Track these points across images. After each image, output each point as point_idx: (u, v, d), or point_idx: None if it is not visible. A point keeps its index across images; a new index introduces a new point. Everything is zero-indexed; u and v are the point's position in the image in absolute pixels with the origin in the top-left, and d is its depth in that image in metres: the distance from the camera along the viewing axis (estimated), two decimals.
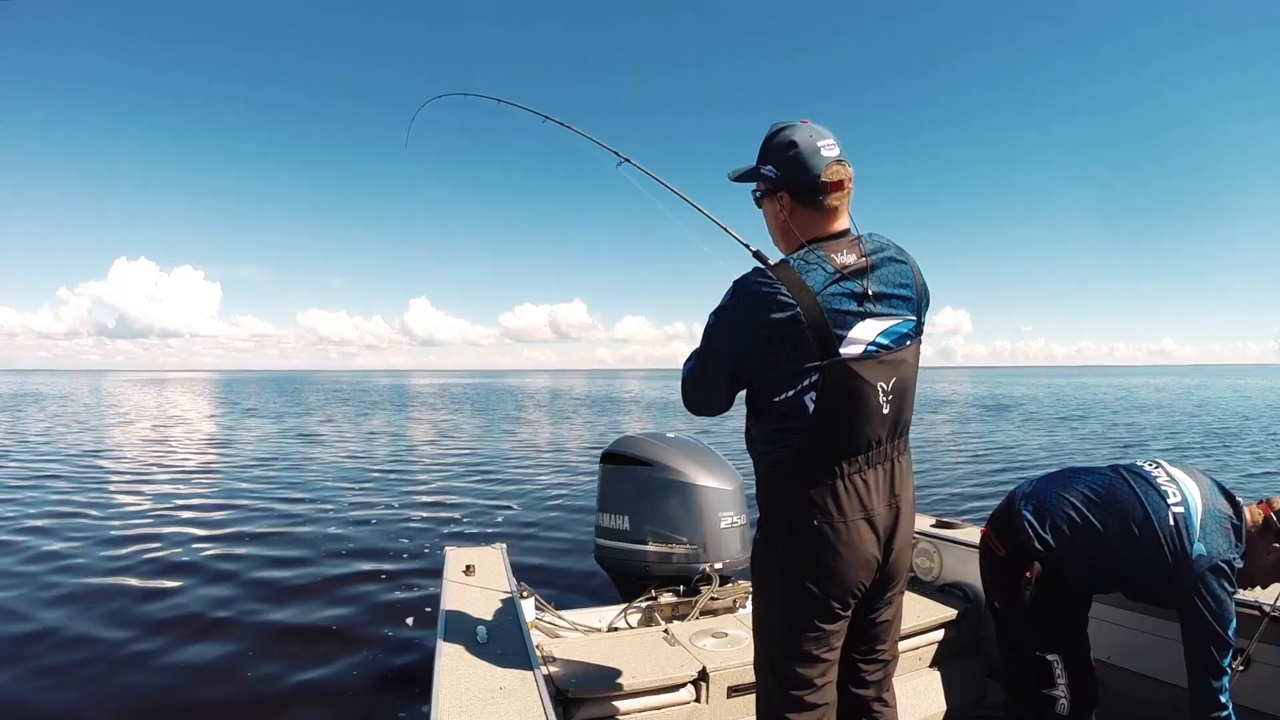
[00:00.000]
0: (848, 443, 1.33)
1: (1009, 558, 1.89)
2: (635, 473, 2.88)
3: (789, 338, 1.28)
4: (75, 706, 3.19)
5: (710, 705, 2.04)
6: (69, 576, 5.04)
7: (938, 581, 2.81)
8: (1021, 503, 1.92)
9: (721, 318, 1.36)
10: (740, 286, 1.33)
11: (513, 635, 1.83)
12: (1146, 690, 2.06)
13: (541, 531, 6.69)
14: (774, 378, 1.32)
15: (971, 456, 12.60)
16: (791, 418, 1.32)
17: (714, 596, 2.71)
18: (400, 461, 12.16)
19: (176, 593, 4.74)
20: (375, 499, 8.38)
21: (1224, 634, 1.63)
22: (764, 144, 1.43)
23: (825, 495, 1.33)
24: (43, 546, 5.87)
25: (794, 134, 1.37)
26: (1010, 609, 1.93)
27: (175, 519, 7.12)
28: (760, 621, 1.48)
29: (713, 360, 1.40)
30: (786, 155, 1.37)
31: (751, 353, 1.32)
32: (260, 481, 9.67)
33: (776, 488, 1.39)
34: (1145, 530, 1.72)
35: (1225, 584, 1.66)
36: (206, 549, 5.90)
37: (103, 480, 9.61)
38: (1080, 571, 1.81)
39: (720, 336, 1.37)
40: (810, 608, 1.36)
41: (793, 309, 1.26)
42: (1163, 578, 1.72)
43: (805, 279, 1.29)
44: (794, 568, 1.36)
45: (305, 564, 5.49)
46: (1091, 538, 1.79)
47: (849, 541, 1.33)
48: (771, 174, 1.39)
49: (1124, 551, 1.75)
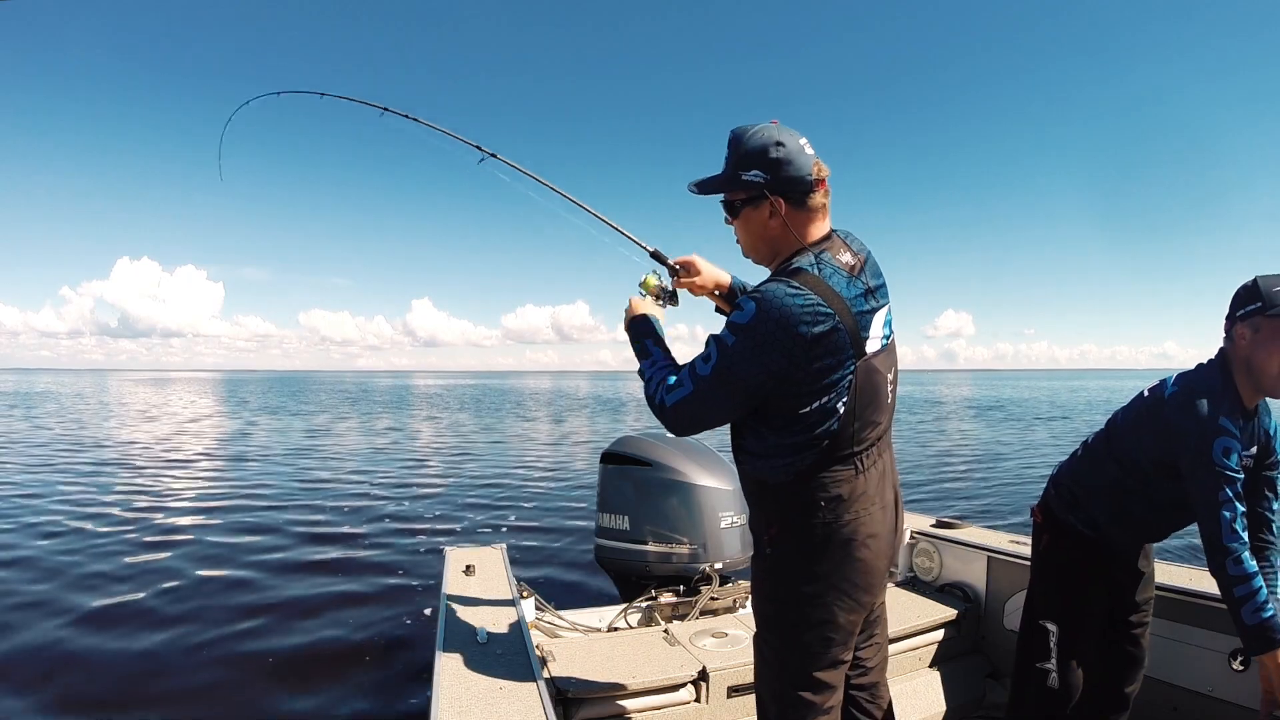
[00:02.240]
0: (868, 437, 1.33)
1: (1043, 522, 2.00)
2: (635, 473, 2.88)
3: (830, 349, 1.24)
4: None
5: (710, 705, 2.04)
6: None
7: (938, 581, 2.81)
8: (1054, 470, 2.05)
9: (747, 336, 1.24)
10: (770, 302, 1.23)
11: (513, 635, 1.83)
12: (1146, 690, 2.06)
13: (542, 531, 6.69)
14: (804, 390, 1.26)
15: (971, 458, 12.58)
16: (820, 424, 1.28)
17: (714, 596, 2.71)
18: (400, 461, 12.17)
19: (176, 591, 4.75)
20: (375, 499, 8.38)
21: (1213, 464, 1.58)
22: (739, 148, 1.34)
23: (853, 492, 1.32)
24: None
25: (776, 134, 1.31)
26: (1032, 573, 2.04)
27: (174, 516, 7.14)
28: (782, 634, 1.40)
29: (731, 382, 1.28)
30: (773, 157, 1.30)
31: (785, 370, 1.24)
32: (260, 480, 9.66)
33: (797, 495, 1.33)
34: (1125, 414, 1.86)
35: (1204, 406, 1.62)
36: (206, 548, 5.91)
37: (98, 477, 9.64)
38: (1103, 502, 1.86)
39: (745, 356, 1.25)
40: (843, 606, 1.34)
41: (832, 320, 1.23)
42: (1154, 432, 1.73)
43: (833, 286, 1.26)
44: (826, 571, 1.33)
45: (305, 563, 5.50)
46: (1099, 445, 1.91)
47: (876, 532, 1.35)
48: (759, 178, 1.32)
49: (1122, 434, 1.84)
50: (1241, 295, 1.65)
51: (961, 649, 2.58)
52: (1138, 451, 1.78)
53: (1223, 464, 1.58)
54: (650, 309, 1.58)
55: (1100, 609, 1.92)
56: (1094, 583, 1.90)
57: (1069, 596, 1.92)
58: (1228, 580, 1.57)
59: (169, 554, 5.74)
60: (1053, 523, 1.96)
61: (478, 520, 7.22)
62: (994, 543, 2.68)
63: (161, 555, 5.70)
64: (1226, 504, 1.57)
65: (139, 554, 5.71)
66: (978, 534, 2.83)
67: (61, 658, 3.67)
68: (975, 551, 2.70)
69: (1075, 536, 1.90)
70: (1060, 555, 1.94)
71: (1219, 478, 1.59)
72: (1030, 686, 1.92)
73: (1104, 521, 1.86)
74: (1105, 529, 1.86)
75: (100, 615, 4.30)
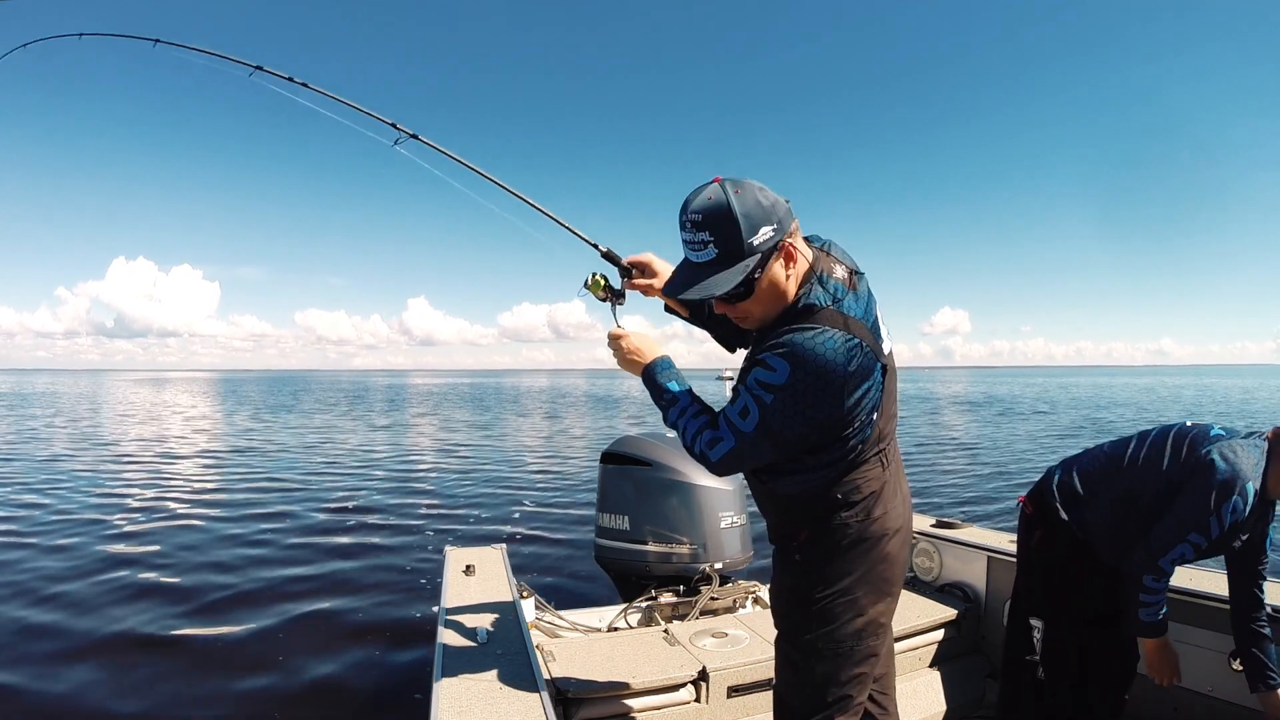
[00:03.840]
0: (889, 431, 1.35)
1: (1035, 515, 2.01)
2: (635, 473, 2.88)
3: (864, 374, 1.21)
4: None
5: (710, 705, 2.04)
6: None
7: (938, 581, 2.81)
8: (1057, 466, 2.06)
9: (787, 396, 1.17)
10: (803, 355, 1.16)
11: (513, 635, 1.83)
12: (1146, 690, 2.06)
13: (541, 531, 6.68)
14: (846, 421, 1.24)
15: (970, 459, 12.60)
16: (856, 436, 1.27)
17: (714, 596, 2.71)
18: (399, 461, 12.15)
19: (177, 590, 4.74)
20: (374, 498, 8.37)
21: (1210, 509, 1.65)
22: (733, 221, 1.15)
23: (883, 487, 1.34)
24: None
25: (749, 184, 1.19)
26: (1020, 566, 2.07)
27: (175, 514, 7.13)
28: (821, 636, 1.36)
29: (775, 436, 1.22)
30: (767, 204, 1.18)
31: (830, 416, 1.21)
32: (258, 480, 9.65)
33: (830, 498, 1.31)
34: (1160, 437, 1.86)
35: (1243, 465, 1.67)
36: (206, 547, 5.90)
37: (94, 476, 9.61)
38: (1103, 508, 1.87)
39: (789, 414, 1.19)
40: (878, 600, 1.37)
41: (861, 349, 1.19)
42: (1178, 465, 1.77)
43: (848, 313, 1.22)
44: (862, 568, 1.34)
45: (304, 563, 5.49)
46: (1118, 456, 1.91)
47: (902, 525, 1.38)
48: (772, 234, 1.18)
49: (1140, 468, 1.85)
50: None
51: (961, 649, 2.58)
52: (1163, 475, 1.80)
53: (1223, 519, 1.65)
54: (659, 348, 1.50)
55: (1088, 607, 1.93)
56: (1083, 581, 1.92)
57: (1057, 593, 1.94)
58: (1141, 587, 1.75)
59: (169, 554, 5.72)
60: (1046, 517, 1.96)
61: (478, 520, 7.22)
62: (994, 543, 2.68)
63: (161, 555, 5.68)
64: (1191, 546, 1.69)
65: (140, 555, 5.70)
66: (978, 534, 2.83)
67: (44, 662, 3.66)
68: (975, 551, 2.70)
69: (1068, 535, 1.91)
70: (1050, 551, 1.96)
71: (1207, 525, 1.66)
72: (1019, 680, 1.95)
73: (1099, 530, 1.87)
74: (1097, 537, 1.87)
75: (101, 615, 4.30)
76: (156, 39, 2.26)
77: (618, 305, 1.61)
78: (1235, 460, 1.68)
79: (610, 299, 1.60)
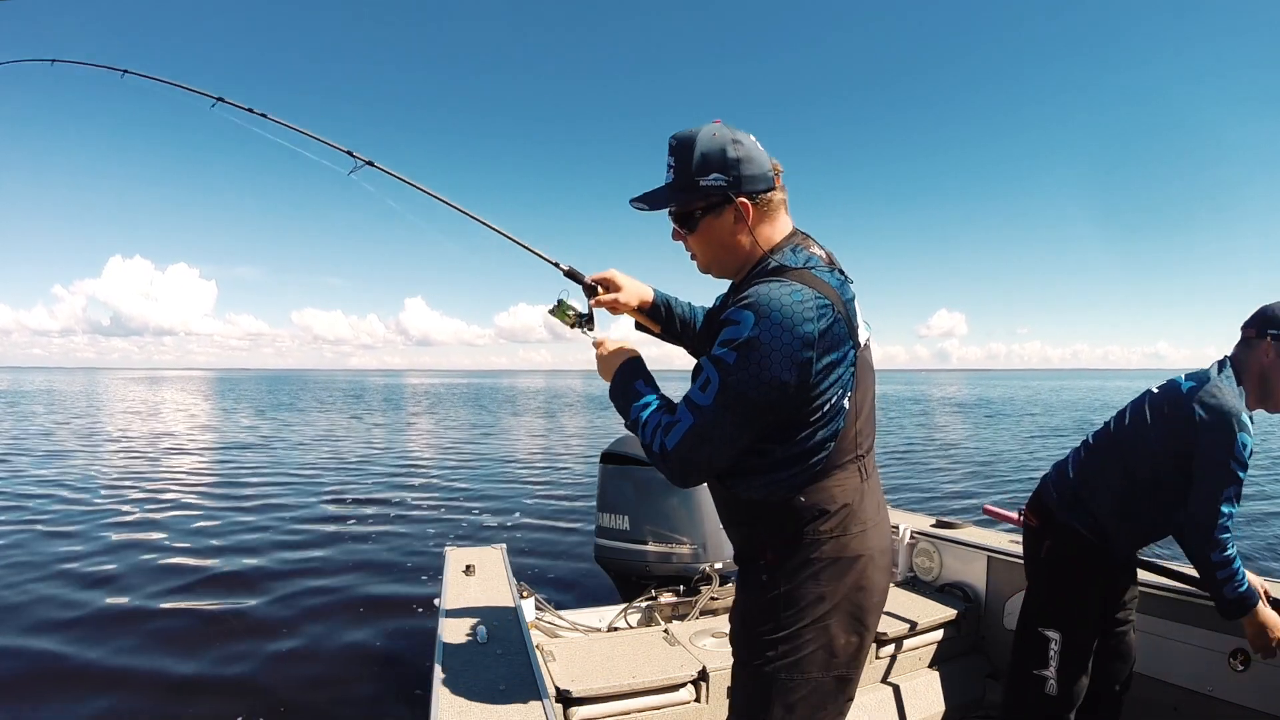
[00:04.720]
0: (869, 434, 1.26)
1: (1040, 526, 1.99)
2: (635, 472, 2.88)
3: (834, 342, 1.14)
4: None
5: (710, 705, 2.04)
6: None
7: (937, 581, 2.82)
8: (1049, 473, 2.07)
9: (750, 350, 1.09)
10: (768, 305, 1.10)
11: (513, 635, 1.82)
12: (1146, 690, 2.06)
13: (541, 531, 6.68)
14: (812, 395, 1.15)
15: (969, 460, 12.63)
16: (826, 424, 1.17)
17: (714, 596, 2.71)
18: (399, 461, 12.13)
19: (176, 590, 4.73)
20: (374, 498, 8.35)
21: (1231, 458, 1.66)
22: (691, 153, 1.19)
23: (860, 500, 1.23)
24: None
25: (729, 133, 1.20)
26: (1031, 579, 2.03)
27: (173, 514, 7.11)
28: (784, 670, 1.21)
29: (739, 405, 1.12)
30: (732, 156, 1.19)
31: (797, 378, 1.11)
32: (257, 480, 9.62)
33: (801, 509, 1.20)
34: (1135, 410, 1.89)
35: (1234, 402, 1.69)
36: (204, 546, 5.88)
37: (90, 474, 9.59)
38: (1106, 497, 1.87)
39: (753, 373, 1.10)
40: (853, 632, 1.23)
41: (832, 311, 1.13)
42: (1172, 422, 1.77)
43: (821, 277, 1.17)
44: (835, 593, 1.21)
45: (303, 563, 5.48)
46: (1104, 442, 1.93)
47: (884, 546, 1.27)
48: (721, 182, 1.19)
49: (1133, 430, 1.86)
50: (1275, 315, 1.75)
51: (961, 649, 2.59)
52: (1154, 443, 1.80)
53: (1241, 459, 1.65)
54: (628, 345, 1.44)
55: (1105, 613, 1.93)
56: (1094, 587, 1.90)
57: (1072, 603, 1.90)
58: (1210, 565, 1.70)
59: (168, 552, 5.71)
60: (1052, 526, 1.94)
61: (478, 520, 7.21)
62: (994, 543, 2.68)
63: (160, 553, 5.67)
64: (1229, 500, 1.66)
65: (138, 552, 5.68)
66: (978, 534, 2.83)
67: (51, 659, 3.65)
68: (975, 551, 2.70)
69: (1077, 540, 1.89)
70: (1062, 561, 1.92)
71: (1232, 473, 1.65)
72: (1026, 693, 1.91)
73: (1109, 520, 1.85)
74: (1109, 528, 1.85)
75: (100, 616, 4.29)
76: (125, 69, 2.37)
77: (587, 330, 1.55)
78: (1223, 399, 1.69)
79: (579, 324, 1.54)
